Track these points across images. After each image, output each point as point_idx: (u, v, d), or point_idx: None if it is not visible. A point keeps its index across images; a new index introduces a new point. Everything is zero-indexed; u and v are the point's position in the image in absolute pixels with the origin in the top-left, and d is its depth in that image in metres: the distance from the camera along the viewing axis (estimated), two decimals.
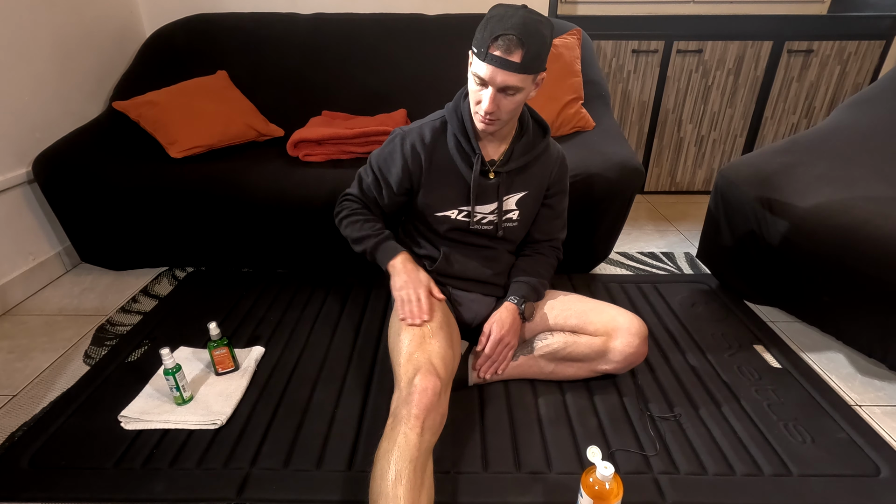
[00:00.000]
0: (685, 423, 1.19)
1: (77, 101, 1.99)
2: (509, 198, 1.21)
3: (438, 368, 0.99)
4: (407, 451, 0.84)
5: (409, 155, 1.17)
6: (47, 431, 1.16)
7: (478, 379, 1.25)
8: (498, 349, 1.20)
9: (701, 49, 2.36)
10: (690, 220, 2.39)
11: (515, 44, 0.95)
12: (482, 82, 1.01)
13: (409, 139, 1.17)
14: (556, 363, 1.26)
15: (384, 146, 1.22)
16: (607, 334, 1.21)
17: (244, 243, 1.82)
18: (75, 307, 1.69)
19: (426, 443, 0.88)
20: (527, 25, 0.95)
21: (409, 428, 0.88)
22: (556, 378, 1.29)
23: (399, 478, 0.82)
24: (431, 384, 0.93)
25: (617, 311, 1.24)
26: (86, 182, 1.70)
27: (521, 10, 0.97)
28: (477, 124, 1.10)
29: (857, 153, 1.58)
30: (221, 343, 1.28)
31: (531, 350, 1.26)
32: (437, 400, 0.93)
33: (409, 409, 0.90)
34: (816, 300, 1.47)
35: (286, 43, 2.18)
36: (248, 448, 1.11)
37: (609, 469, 0.85)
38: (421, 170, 1.17)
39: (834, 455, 1.10)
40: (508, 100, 1.03)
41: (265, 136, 2.03)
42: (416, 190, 1.20)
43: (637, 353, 1.20)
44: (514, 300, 1.23)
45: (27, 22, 1.77)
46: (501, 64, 0.97)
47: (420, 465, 0.85)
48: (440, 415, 0.94)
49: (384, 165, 1.21)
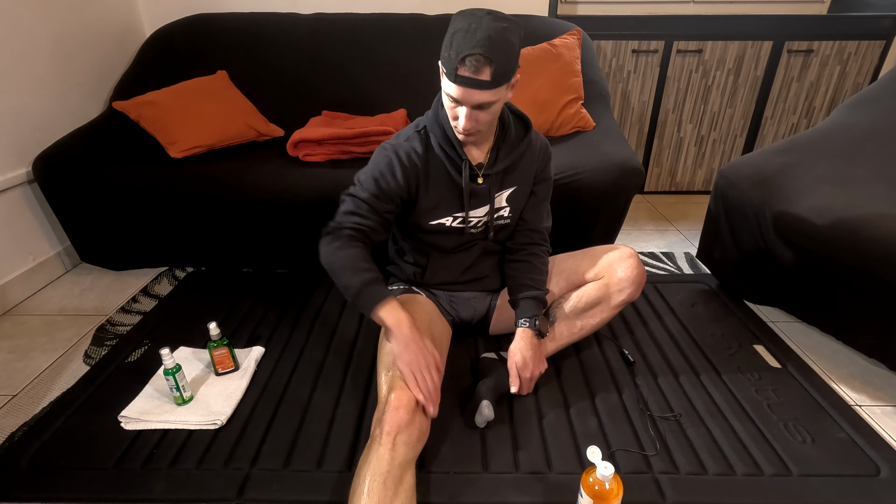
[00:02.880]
0: (685, 422, 1.19)
1: (77, 101, 1.99)
2: (500, 195, 1.20)
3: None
4: (378, 467, 0.85)
5: (407, 164, 1.12)
6: (47, 432, 1.16)
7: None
8: (531, 383, 1.23)
9: (701, 49, 2.36)
10: (690, 220, 2.39)
11: (483, 62, 0.92)
12: (455, 101, 1.00)
13: (402, 150, 1.12)
14: (579, 318, 1.29)
15: (376, 163, 1.13)
16: (607, 272, 1.26)
17: (244, 243, 1.82)
18: (75, 307, 1.69)
19: (400, 457, 0.88)
20: (492, 39, 0.91)
21: (379, 444, 0.88)
22: (586, 333, 1.32)
23: (371, 492, 0.83)
24: (404, 402, 0.92)
25: (600, 249, 1.31)
26: (86, 182, 1.70)
27: (486, 19, 0.92)
28: (458, 136, 1.09)
29: (857, 153, 1.58)
30: (221, 343, 1.28)
31: (554, 319, 1.30)
32: (411, 417, 0.92)
33: (382, 427, 0.90)
34: (816, 300, 1.47)
35: (286, 43, 2.18)
36: (248, 448, 1.11)
37: (609, 469, 0.85)
38: (419, 179, 1.14)
39: (834, 455, 1.10)
40: (484, 113, 1.01)
41: (265, 136, 2.03)
42: (414, 200, 1.17)
43: (641, 272, 1.25)
44: (526, 323, 1.22)
45: (27, 22, 1.77)
46: (472, 84, 0.95)
47: (392, 479, 0.85)
48: (416, 427, 0.93)
49: (382, 179, 1.12)
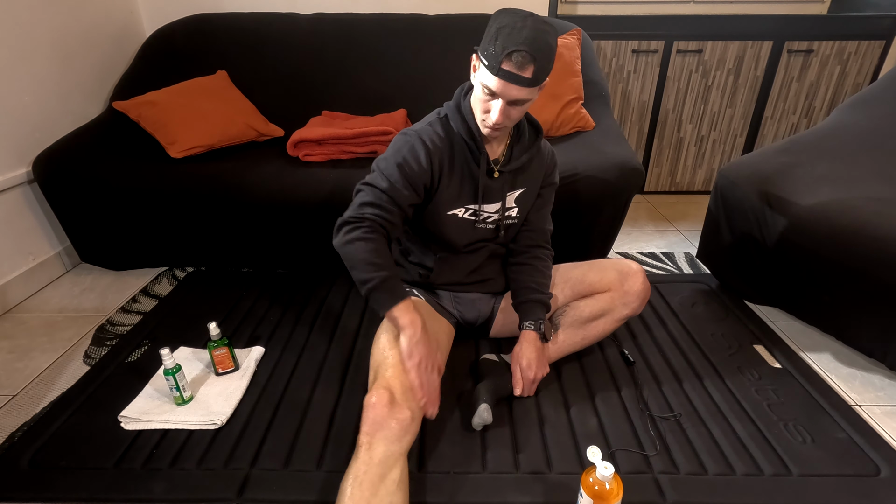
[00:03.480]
0: (685, 422, 1.19)
1: (77, 101, 1.99)
2: (510, 194, 1.21)
3: (391, 382, 0.97)
4: (355, 470, 0.86)
5: (432, 148, 1.10)
6: (47, 432, 1.16)
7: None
8: (533, 385, 1.24)
9: (701, 49, 2.36)
10: (690, 220, 2.39)
11: (528, 59, 0.93)
12: (492, 94, 1.00)
13: (425, 135, 1.11)
14: (582, 328, 1.30)
15: (398, 149, 1.10)
16: (614, 285, 1.27)
17: (244, 243, 1.81)
18: (75, 307, 1.69)
19: (379, 455, 0.87)
20: (537, 39, 0.93)
21: (359, 447, 0.88)
22: (588, 343, 1.33)
23: (352, 496, 0.83)
24: (378, 399, 0.91)
25: (608, 261, 1.33)
26: (86, 182, 1.69)
27: (530, 20, 0.94)
28: (482, 130, 1.09)
29: (857, 153, 1.58)
30: (221, 343, 1.28)
31: (557, 327, 1.31)
32: (388, 409, 0.91)
33: (362, 428, 0.90)
34: (816, 300, 1.47)
35: (286, 43, 2.18)
36: (248, 448, 1.11)
37: (609, 469, 0.85)
38: (442, 164, 1.13)
39: (834, 455, 1.10)
40: (516, 110, 1.04)
41: (265, 136, 2.03)
42: (436, 186, 1.14)
43: (647, 288, 1.27)
44: (531, 326, 1.23)
45: (27, 22, 1.77)
46: (513, 79, 0.96)
47: (369, 480, 0.85)
48: (396, 422, 0.90)
49: (406, 164, 1.07)
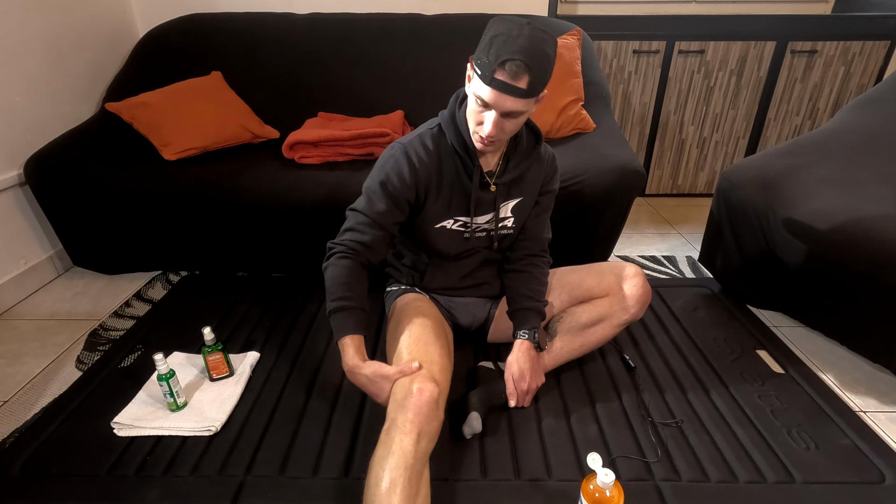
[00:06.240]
0: (687, 429, 1.17)
1: (69, 103, 1.97)
2: (505, 205, 1.19)
3: (436, 375, 0.98)
4: (402, 459, 0.83)
5: (417, 164, 1.08)
6: (39, 438, 1.14)
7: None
8: (528, 396, 1.22)
9: (703, 49, 2.34)
10: (692, 223, 2.37)
11: (522, 69, 0.89)
12: (485, 105, 0.96)
13: (412, 150, 1.09)
14: (580, 335, 1.27)
15: (382, 165, 1.10)
16: (612, 289, 1.24)
17: (239, 247, 1.80)
18: (67, 312, 1.67)
19: (422, 450, 0.86)
20: (533, 48, 0.89)
21: (404, 434, 0.86)
22: (586, 350, 1.30)
23: (394, 486, 0.80)
24: (429, 390, 0.91)
25: (606, 265, 1.30)
26: (78, 184, 1.68)
27: (527, 27, 0.90)
28: (475, 143, 1.06)
29: (861, 155, 1.57)
30: (216, 348, 1.27)
31: (555, 333, 1.28)
32: (435, 407, 0.91)
33: (405, 415, 0.88)
34: (821, 304, 1.46)
35: (282, 43, 2.17)
36: (243, 455, 1.10)
37: (610, 476, 0.84)
38: (429, 180, 1.11)
39: (838, 462, 1.09)
40: (511, 122, 0.99)
41: (260, 138, 2.01)
42: (422, 202, 1.13)
43: (647, 291, 1.24)
44: (525, 335, 1.20)
45: (18, 22, 1.75)
46: (507, 90, 0.92)
47: (416, 474, 0.83)
48: (437, 422, 0.92)
49: (388, 182, 1.08)
